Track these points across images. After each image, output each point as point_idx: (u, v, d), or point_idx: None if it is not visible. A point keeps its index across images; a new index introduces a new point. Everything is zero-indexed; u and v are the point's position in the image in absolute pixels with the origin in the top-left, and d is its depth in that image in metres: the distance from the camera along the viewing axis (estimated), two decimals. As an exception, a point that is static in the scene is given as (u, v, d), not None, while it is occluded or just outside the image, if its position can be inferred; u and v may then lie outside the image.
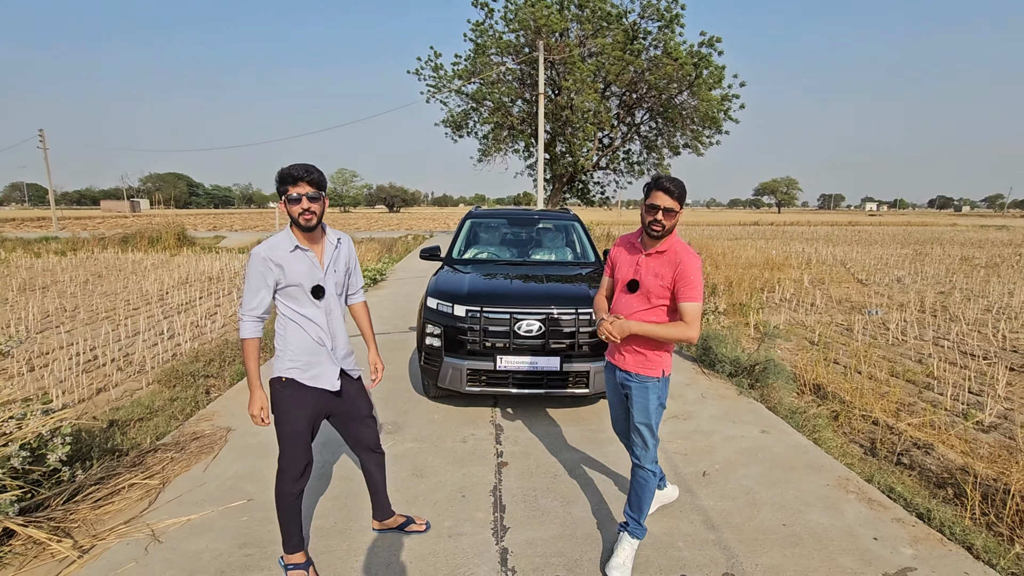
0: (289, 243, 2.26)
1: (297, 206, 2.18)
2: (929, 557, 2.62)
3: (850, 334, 7.62)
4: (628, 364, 2.49)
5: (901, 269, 14.93)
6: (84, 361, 5.95)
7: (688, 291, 2.32)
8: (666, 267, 2.38)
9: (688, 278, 2.32)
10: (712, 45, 18.51)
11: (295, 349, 2.32)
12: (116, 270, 13.55)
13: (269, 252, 2.22)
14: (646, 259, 2.45)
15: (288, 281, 2.25)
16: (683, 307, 2.34)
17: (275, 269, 2.22)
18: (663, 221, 2.33)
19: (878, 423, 4.45)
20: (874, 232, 35.72)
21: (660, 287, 2.38)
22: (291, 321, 2.32)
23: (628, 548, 2.50)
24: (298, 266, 2.26)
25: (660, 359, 2.45)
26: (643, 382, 2.46)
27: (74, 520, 2.85)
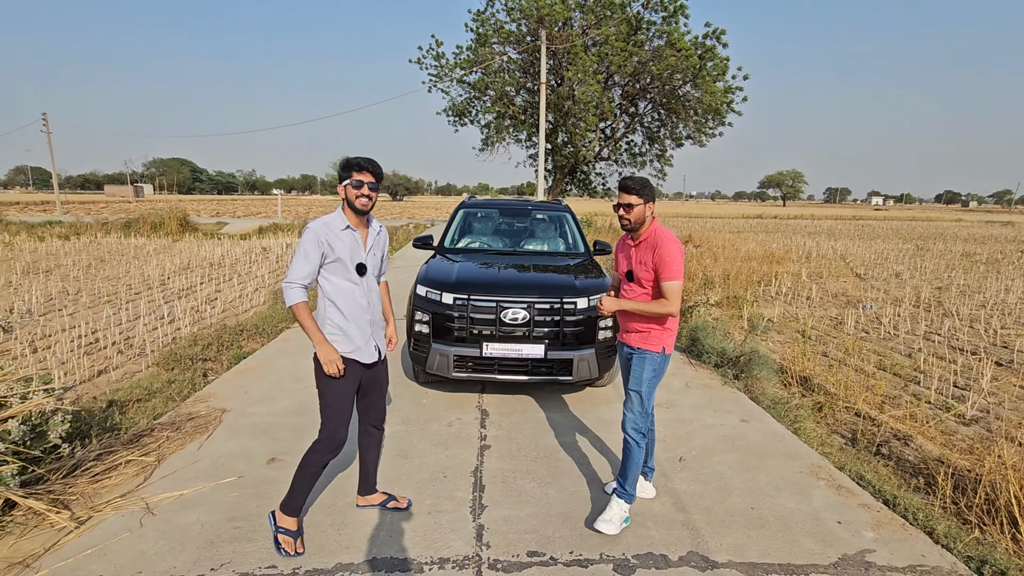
0: (341, 222, 2.49)
1: (359, 191, 2.44)
2: (889, 540, 2.72)
3: (842, 328, 7.69)
4: (633, 341, 2.83)
5: (901, 264, 14.94)
6: (86, 343, 6.09)
7: (665, 272, 2.63)
8: (647, 253, 2.71)
9: (664, 261, 2.63)
10: (717, 37, 18.38)
11: (338, 324, 2.51)
12: (119, 255, 13.70)
13: (322, 227, 2.45)
14: (635, 250, 2.80)
15: (335, 256, 2.45)
16: (663, 286, 2.65)
17: (324, 243, 2.43)
18: (626, 216, 2.71)
19: (861, 415, 4.54)
20: (878, 226, 35.58)
21: (646, 271, 2.72)
22: (334, 297, 2.51)
23: (616, 508, 2.76)
24: (346, 243, 2.48)
25: (661, 337, 2.75)
26: (643, 354, 2.78)
27: (72, 493, 2.98)
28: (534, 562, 2.49)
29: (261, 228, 22.39)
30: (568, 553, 2.56)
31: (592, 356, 4.13)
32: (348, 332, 2.52)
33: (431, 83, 21.16)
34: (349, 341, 2.52)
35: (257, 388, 4.64)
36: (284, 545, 2.53)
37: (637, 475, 2.80)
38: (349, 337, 2.52)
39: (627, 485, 2.77)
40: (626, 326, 2.87)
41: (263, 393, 4.53)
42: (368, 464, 2.90)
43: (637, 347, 2.80)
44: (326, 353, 2.44)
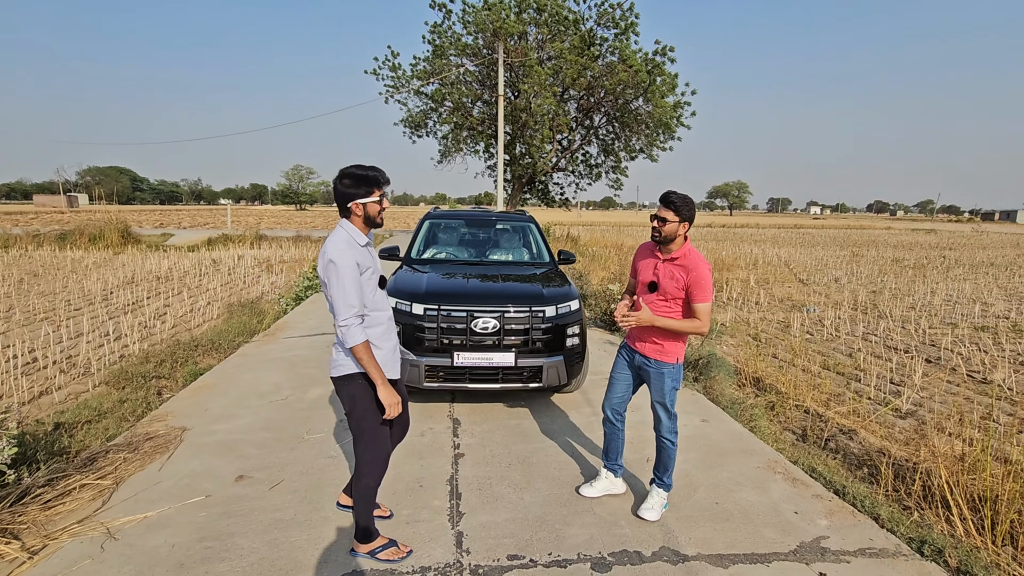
0: (360, 238, 2.38)
1: (380, 206, 2.36)
2: (841, 527, 2.93)
3: (789, 330, 8.14)
4: (648, 351, 2.93)
5: (839, 269, 15.90)
6: (23, 363, 5.72)
7: (700, 294, 2.76)
8: (681, 271, 2.80)
9: (700, 283, 2.75)
10: (665, 53, 19.15)
11: (378, 344, 2.42)
12: (54, 268, 12.89)
13: (349, 249, 2.30)
14: (663, 264, 2.87)
15: (366, 275, 2.36)
16: (696, 307, 2.78)
17: (360, 265, 2.32)
18: (658, 228, 2.81)
19: (809, 412, 4.84)
20: (817, 235, 37.70)
21: (676, 288, 2.81)
22: (370, 319, 2.40)
23: (657, 497, 3.02)
24: (369, 259, 2.41)
25: (675, 349, 2.90)
26: (660, 368, 2.90)
27: (23, 522, 2.81)
28: (514, 565, 2.54)
29: (210, 239, 21.52)
30: (547, 555, 2.62)
31: (561, 363, 4.23)
32: (385, 350, 2.45)
33: (388, 94, 21.06)
34: (386, 359, 2.44)
35: (218, 405, 4.49)
36: (392, 556, 2.54)
37: (673, 468, 3.03)
38: (386, 355, 2.44)
39: (666, 477, 3.01)
40: (642, 336, 2.95)
41: (224, 410, 4.39)
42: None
43: (653, 358, 2.90)
44: (389, 396, 2.36)
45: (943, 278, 14.46)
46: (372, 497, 2.55)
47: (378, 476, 2.53)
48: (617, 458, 3.23)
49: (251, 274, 12.71)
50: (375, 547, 2.57)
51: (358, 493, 2.51)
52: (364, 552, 2.57)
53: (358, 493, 2.51)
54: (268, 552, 2.61)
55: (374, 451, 2.48)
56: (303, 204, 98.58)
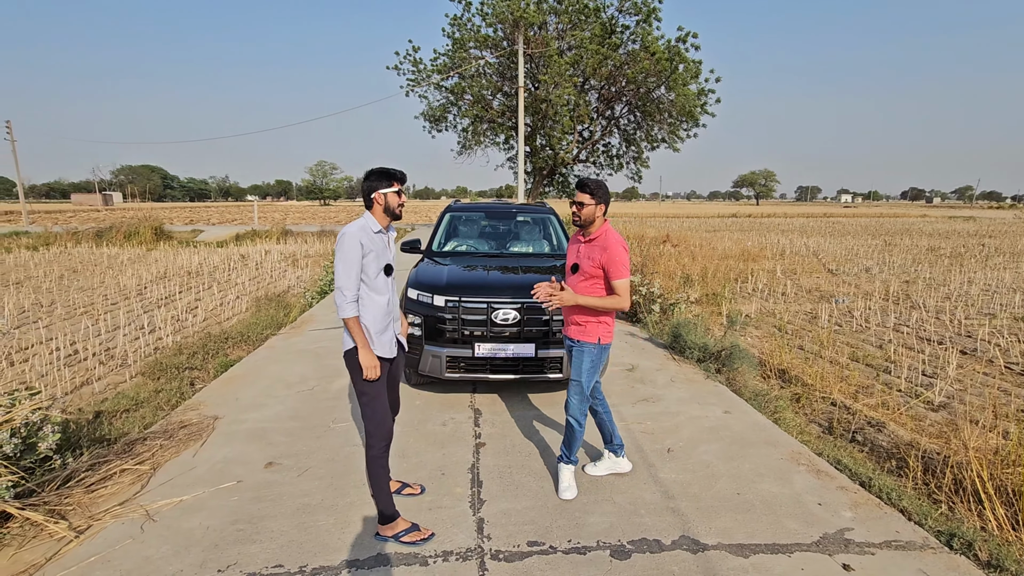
0: (375, 225, 2.67)
1: (399, 199, 2.68)
2: (866, 519, 2.89)
3: (816, 321, 7.97)
4: (572, 333, 3.08)
5: (870, 259, 15.46)
6: (65, 356, 5.98)
7: (616, 271, 2.89)
8: (596, 251, 2.94)
9: (615, 260, 2.88)
10: (688, 40, 18.80)
11: (368, 322, 2.65)
12: (92, 265, 13.39)
13: (360, 232, 2.59)
14: (584, 246, 3.03)
15: (370, 259, 2.61)
16: (614, 284, 2.90)
17: (363, 245, 2.59)
18: (577, 212, 2.96)
19: (836, 404, 4.75)
20: (848, 223, 36.66)
21: (593, 267, 2.94)
22: (364, 297, 2.64)
23: (567, 472, 3.15)
24: (378, 246, 2.66)
25: (597, 330, 2.99)
26: (581, 346, 3.03)
27: (69, 503, 2.97)
28: (534, 551, 2.58)
29: (238, 235, 22.05)
30: (567, 542, 2.66)
31: (581, 354, 4.24)
32: (376, 329, 2.67)
33: (408, 88, 21.17)
34: (378, 337, 2.68)
35: (247, 395, 4.64)
36: (414, 539, 2.66)
37: (579, 447, 3.17)
38: (378, 334, 2.68)
39: (572, 455, 3.15)
40: (568, 319, 3.09)
41: (254, 399, 4.53)
42: None
43: (576, 339, 3.03)
44: (369, 359, 2.59)
45: (981, 267, 13.93)
46: (380, 472, 2.68)
47: (379, 447, 2.67)
48: (612, 439, 3.34)
49: (277, 269, 13.01)
50: (399, 530, 2.68)
51: (367, 468, 2.69)
52: (389, 535, 2.68)
53: (367, 468, 2.69)
54: (297, 535, 2.71)
55: (373, 421, 2.67)
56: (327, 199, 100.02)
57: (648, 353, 6.06)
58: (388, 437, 2.71)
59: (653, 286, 7.60)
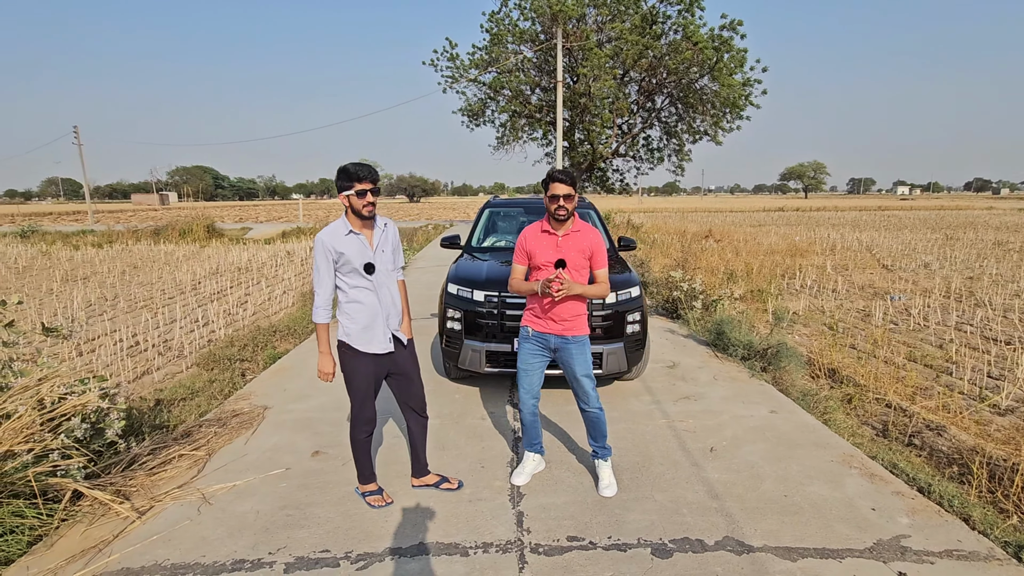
0: (344, 228, 2.67)
1: (363, 200, 2.59)
2: (924, 526, 2.75)
3: (870, 319, 7.62)
4: (561, 330, 3.00)
5: (930, 254, 14.64)
6: (127, 347, 6.35)
7: (602, 260, 2.99)
8: (584, 242, 2.96)
9: (601, 249, 2.98)
10: (734, 28, 18.19)
11: (352, 319, 2.73)
12: (150, 261, 14.14)
13: (328, 237, 2.65)
14: (564, 239, 2.96)
15: (344, 260, 2.65)
16: (598, 273, 3.00)
17: (333, 251, 2.64)
18: (565, 205, 2.88)
19: (892, 406, 4.52)
20: (904, 217, 34.79)
21: (582, 258, 2.97)
22: (349, 295, 2.73)
23: (607, 470, 3.13)
24: (352, 247, 2.66)
25: (584, 323, 3.05)
26: (580, 341, 3.01)
27: (132, 485, 3.16)
28: (574, 546, 2.58)
29: (284, 233, 22.83)
30: (607, 538, 2.64)
31: (621, 350, 4.20)
32: (360, 326, 2.73)
33: (446, 84, 21.34)
34: (360, 335, 2.74)
35: (294, 386, 4.81)
36: (374, 502, 2.93)
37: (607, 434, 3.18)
38: (360, 331, 2.74)
39: (606, 443, 3.15)
40: (556, 316, 2.98)
41: (300, 391, 4.69)
42: (416, 447, 3.11)
43: (572, 335, 2.99)
44: (322, 364, 2.79)
45: (1055, 262, 12.97)
46: (357, 445, 2.90)
47: (358, 431, 2.86)
48: (540, 439, 3.31)
49: (322, 264, 13.38)
50: (366, 490, 2.98)
51: (350, 439, 2.92)
52: (361, 492, 2.99)
53: (350, 439, 2.92)
54: (342, 522, 2.79)
55: (353, 409, 2.85)
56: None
57: (689, 350, 5.93)
58: (367, 424, 2.87)
59: (695, 282, 7.43)
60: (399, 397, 3.02)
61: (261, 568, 2.44)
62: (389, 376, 2.93)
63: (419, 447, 3.11)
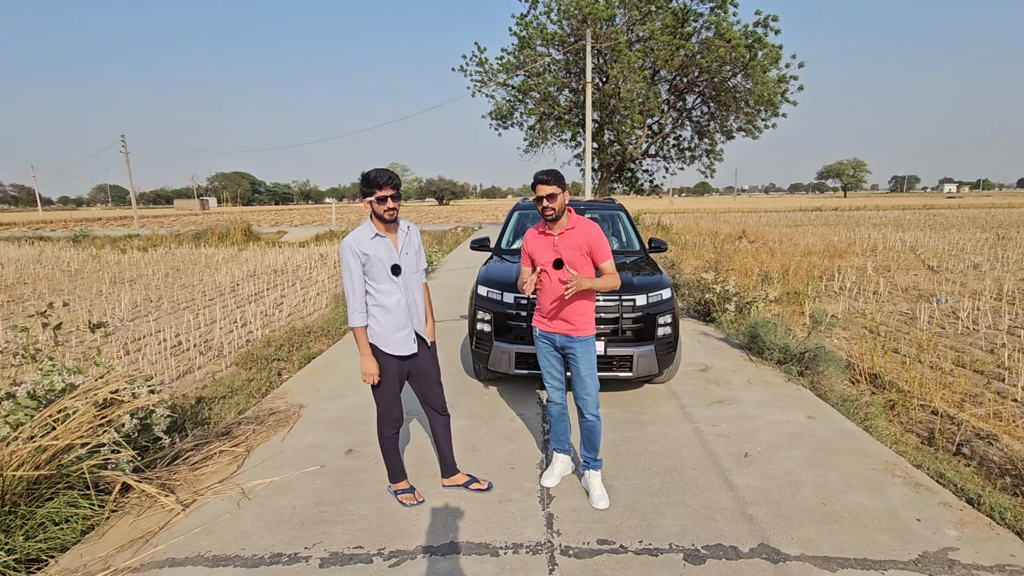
0: (370, 232, 2.74)
1: (383, 206, 2.66)
2: (974, 539, 2.63)
3: (914, 323, 7.32)
4: (567, 330, 2.98)
5: (979, 255, 13.97)
6: (171, 346, 6.61)
7: (603, 253, 2.94)
8: (580, 239, 2.92)
9: (601, 241, 2.93)
10: (767, 24, 17.78)
11: (378, 321, 2.79)
12: (192, 264, 14.68)
13: (354, 241, 2.72)
14: (560, 238, 2.95)
15: (371, 263, 2.72)
16: (604, 266, 2.96)
17: (360, 254, 2.71)
18: (550, 205, 2.86)
19: (938, 413, 4.34)
20: (952, 215, 33.29)
21: (581, 255, 2.93)
22: (375, 299, 2.78)
23: (597, 480, 3.06)
24: (378, 250, 2.73)
25: (591, 323, 3.00)
26: (585, 340, 2.97)
27: (176, 479, 3.29)
28: (604, 549, 2.56)
29: (318, 236, 23.38)
30: (638, 542, 2.62)
31: (652, 352, 4.15)
32: (385, 329, 2.79)
33: (475, 88, 21.49)
34: (385, 337, 2.80)
35: (328, 386, 4.92)
36: (406, 501, 2.98)
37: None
38: (385, 333, 2.79)
39: (598, 455, 3.08)
40: (560, 315, 2.95)
41: (334, 390, 4.80)
42: (442, 447, 3.15)
43: (578, 336, 2.95)
44: (365, 366, 2.82)
45: (1119, 263, 12.20)
46: (384, 443, 2.98)
47: (384, 429, 2.94)
48: (568, 438, 3.29)
49: (354, 267, 13.64)
50: (398, 488, 3.04)
51: (378, 438, 3.00)
52: (392, 490, 3.05)
53: (378, 438, 3.00)
54: (375, 519, 2.85)
55: (379, 408, 2.92)
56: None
57: (723, 353, 5.82)
58: (393, 423, 2.93)
59: (728, 283, 7.28)
60: (420, 397, 3.08)
61: (298, 562, 2.51)
62: (409, 376, 2.98)
63: (445, 447, 3.16)
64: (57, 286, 11.30)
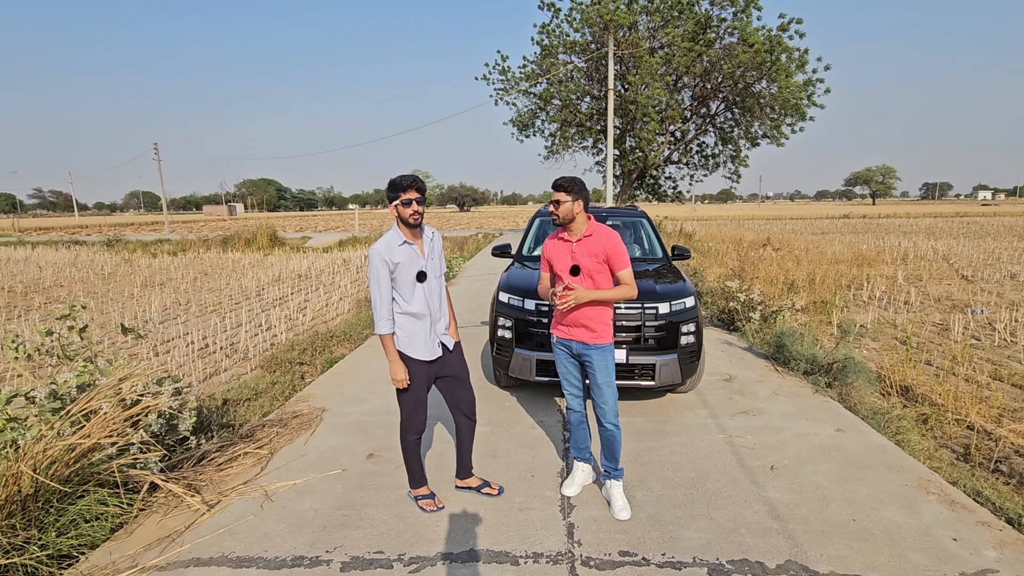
0: (398, 239, 2.78)
1: (409, 208, 2.70)
2: (1015, 561, 2.51)
3: (948, 334, 7.08)
4: (586, 337, 2.95)
5: (1016, 264, 13.48)
6: (198, 349, 6.76)
7: (621, 260, 2.90)
8: (597, 246, 2.90)
9: (618, 250, 2.89)
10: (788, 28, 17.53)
11: (402, 327, 2.83)
12: (219, 268, 15.02)
13: (384, 248, 2.75)
14: (578, 245, 2.93)
15: (399, 270, 2.76)
16: (621, 275, 2.91)
17: (390, 262, 2.74)
18: (555, 211, 2.90)
19: (975, 428, 4.18)
20: (987, 223, 32.22)
21: (597, 263, 2.90)
22: (399, 305, 2.81)
23: (619, 490, 3.01)
24: (406, 256, 2.77)
25: (608, 330, 2.97)
26: (602, 348, 2.94)
27: (202, 480, 3.35)
28: (626, 561, 2.52)
29: (341, 241, 23.72)
30: (660, 555, 2.57)
31: (675, 361, 4.09)
32: (411, 334, 2.83)
33: (498, 96, 21.63)
34: (409, 341, 2.83)
35: (350, 389, 4.97)
36: (426, 506, 2.99)
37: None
38: (409, 338, 2.83)
39: (619, 465, 3.04)
40: (576, 322, 2.94)
41: (356, 394, 4.84)
42: (463, 450, 3.17)
43: (595, 343, 2.92)
44: (394, 372, 2.83)
45: None
46: (407, 447, 2.98)
47: (411, 438, 2.95)
48: (588, 446, 3.28)
49: (376, 272, 13.79)
50: (418, 494, 3.04)
51: (400, 443, 3.01)
52: (414, 496, 3.05)
53: (400, 443, 3.01)
54: (395, 524, 2.85)
55: (403, 414, 2.94)
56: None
57: (747, 363, 5.71)
58: (417, 430, 2.95)
59: (752, 292, 7.15)
60: (449, 400, 3.09)
61: (319, 565, 2.52)
62: (439, 379, 3.00)
63: (465, 450, 3.17)
64: (91, 289, 11.67)
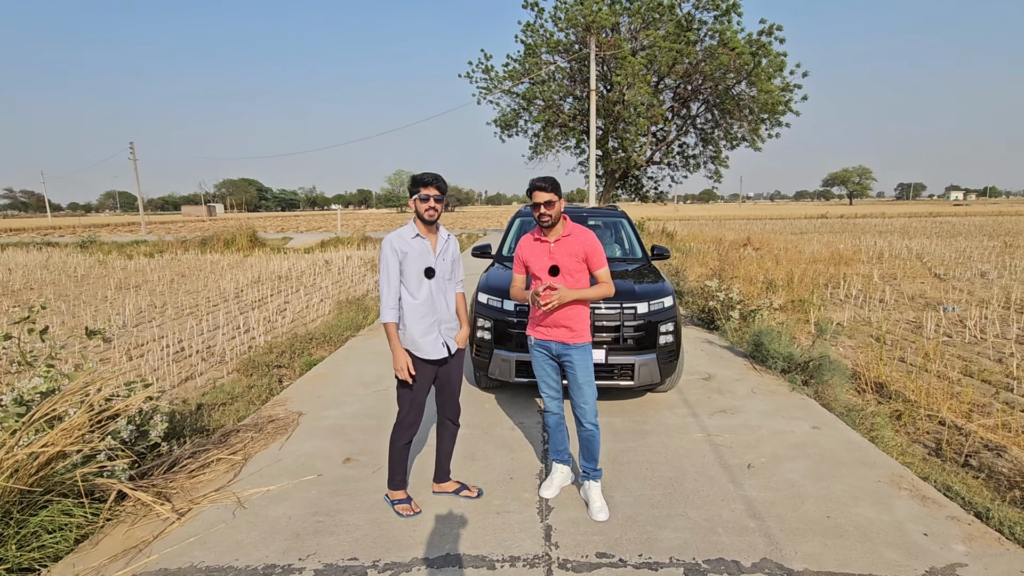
0: (411, 231, 2.84)
1: (425, 204, 2.77)
2: (983, 555, 2.56)
3: (921, 331, 7.24)
4: (565, 337, 2.95)
5: (986, 262, 13.85)
6: (173, 352, 6.60)
7: (599, 260, 2.94)
8: (576, 246, 2.93)
9: (597, 249, 2.94)
10: (771, 33, 17.79)
11: (409, 324, 2.82)
12: (197, 270, 14.73)
13: (396, 237, 2.82)
14: (556, 245, 2.94)
15: (407, 261, 2.79)
16: (599, 273, 2.95)
17: (399, 251, 2.79)
18: (548, 212, 2.87)
19: (946, 424, 4.27)
20: (958, 223, 33.08)
21: (576, 263, 2.92)
22: (406, 301, 2.82)
23: (597, 492, 3.00)
24: (416, 249, 2.82)
25: (587, 330, 2.98)
26: (582, 347, 2.96)
27: (173, 487, 3.26)
28: (603, 563, 2.51)
29: (323, 242, 23.45)
30: (637, 556, 2.56)
31: (653, 361, 4.11)
32: (415, 330, 2.81)
33: (480, 95, 21.57)
34: (414, 341, 2.82)
35: (328, 393, 4.89)
36: (403, 511, 2.95)
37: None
38: (415, 337, 2.81)
39: (597, 465, 3.04)
40: (557, 323, 2.93)
41: (334, 398, 4.77)
42: (443, 454, 3.15)
43: (575, 343, 2.93)
44: (397, 360, 2.81)
45: None
46: (396, 449, 2.96)
47: (400, 435, 2.94)
48: (566, 448, 3.26)
49: (357, 273, 13.67)
50: (396, 498, 3.01)
51: (389, 442, 2.99)
52: (391, 500, 3.01)
53: (389, 442, 2.99)
54: (371, 530, 2.81)
55: (400, 413, 2.94)
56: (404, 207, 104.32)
57: (726, 362, 5.76)
58: (411, 429, 2.95)
59: (732, 291, 7.22)
60: (437, 402, 3.10)
61: (292, 574, 2.47)
62: (435, 380, 3.00)
63: (445, 454, 3.16)
64: (63, 292, 11.36)
